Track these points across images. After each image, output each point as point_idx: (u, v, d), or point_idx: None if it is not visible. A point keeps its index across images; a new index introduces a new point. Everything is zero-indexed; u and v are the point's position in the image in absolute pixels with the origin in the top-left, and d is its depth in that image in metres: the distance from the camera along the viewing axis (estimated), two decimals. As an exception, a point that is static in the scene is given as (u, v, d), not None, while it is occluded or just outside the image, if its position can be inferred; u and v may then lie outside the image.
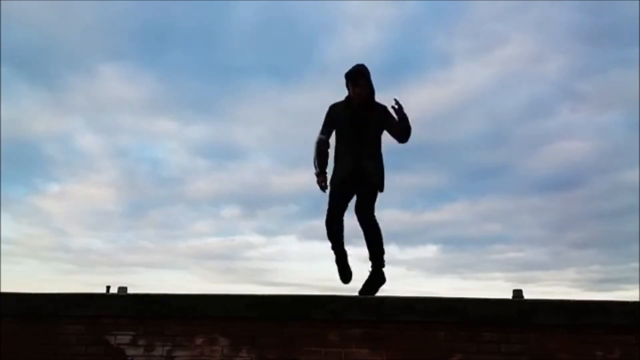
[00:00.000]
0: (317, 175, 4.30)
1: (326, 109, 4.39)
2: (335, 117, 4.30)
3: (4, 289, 3.63)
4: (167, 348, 3.41)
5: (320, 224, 4.30)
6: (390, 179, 4.32)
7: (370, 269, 4.17)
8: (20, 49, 14.56)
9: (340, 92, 4.40)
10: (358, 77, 4.21)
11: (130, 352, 3.42)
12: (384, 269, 4.18)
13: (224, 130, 17.67)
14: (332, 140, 4.37)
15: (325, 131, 4.33)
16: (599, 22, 14.64)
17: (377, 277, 4.14)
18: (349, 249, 4.34)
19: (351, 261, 4.35)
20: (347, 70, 4.26)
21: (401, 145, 4.36)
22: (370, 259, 4.19)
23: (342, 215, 4.26)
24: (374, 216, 4.24)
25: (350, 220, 4.28)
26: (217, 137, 17.68)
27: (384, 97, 4.35)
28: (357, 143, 4.21)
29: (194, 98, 16.88)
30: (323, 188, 4.28)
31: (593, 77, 15.84)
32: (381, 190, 4.27)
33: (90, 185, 17.47)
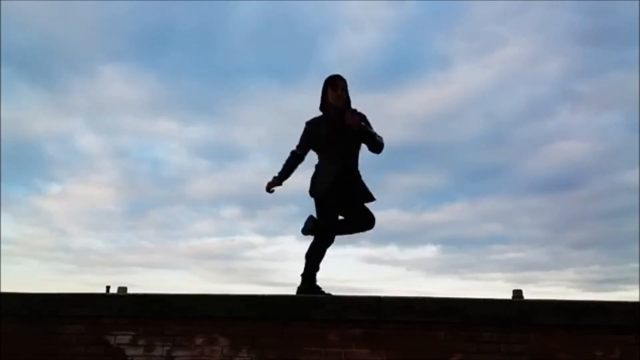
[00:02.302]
0: (274, 177, 4.27)
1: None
2: (311, 133, 4.23)
3: (4, 289, 3.64)
4: (167, 348, 3.41)
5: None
6: (389, 179, 4.32)
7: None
8: (21, 49, 14.59)
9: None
10: (337, 80, 4.14)
11: (130, 352, 3.42)
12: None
13: (224, 131, 17.69)
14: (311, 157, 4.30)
15: (302, 146, 4.27)
16: (598, 23, 14.67)
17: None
18: (352, 249, 4.30)
19: (352, 261, 4.32)
20: (329, 78, 4.15)
21: (399, 146, 4.35)
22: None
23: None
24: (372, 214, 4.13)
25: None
26: (217, 138, 17.72)
27: (383, 97, 4.37)
28: (338, 153, 4.11)
29: (194, 99, 16.92)
30: (269, 189, 4.26)
31: (592, 78, 15.88)
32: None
33: (90, 185, 17.49)
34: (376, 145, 4.11)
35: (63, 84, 16.06)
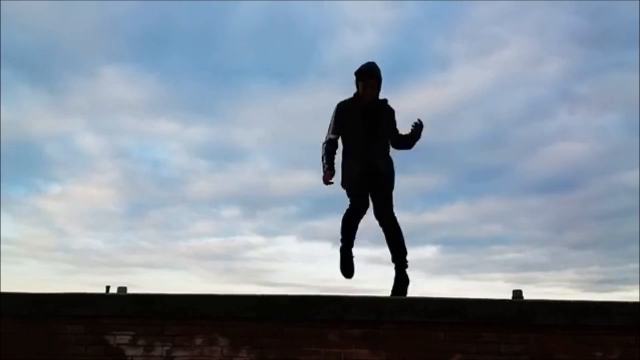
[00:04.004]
0: (326, 170, 4.19)
1: (330, 108, 4.31)
2: (345, 114, 4.21)
3: (4, 289, 3.63)
4: (166, 348, 3.41)
5: (320, 224, 4.31)
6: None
7: (395, 271, 4.16)
8: (21, 50, 14.61)
9: (338, 94, 4.39)
10: (369, 77, 4.14)
11: (129, 352, 3.42)
12: (407, 270, 4.16)
13: (224, 132, 17.71)
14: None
15: (336, 130, 4.24)
16: (597, 24, 14.69)
17: (402, 279, 4.14)
18: (352, 250, 4.29)
19: (356, 262, 4.30)
20: (356, 69, 4.20)
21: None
22: (393, 260, 4.17)
23: (364, 213, 4.18)
24: (394, 217, 4.18)
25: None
26: (217, 139, 17.73)
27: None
28: (368, 141, 4.12)
29: (194, 100, 16.93)
30: (327, 181, 4.18)
31: (591, 79, 15.89)
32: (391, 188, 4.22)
33: (91, 185, 17.50)
34: (410, 146, 4.34)
35: (63, 84, 16.09)
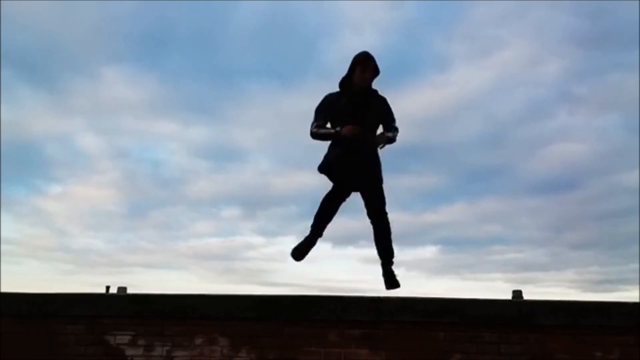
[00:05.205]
0: (337, 132, 4.01)
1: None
2: (332, 103, 4.14)
3: (4, 289, 3.64)
4: (166, 348, 3.41)
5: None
6: (389, 180, 4.27)
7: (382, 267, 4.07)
8: (21, 50, 14.59)
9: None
10: (368, 61, 4.08)
11: (129, 352, 3.42)
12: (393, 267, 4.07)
13: (224, 132, 17.71)
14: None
15: (320, 118, 4.12)
16: (597, 25, 14.68)
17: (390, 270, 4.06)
18: (352, 250, 4.28)
19: (352, 262, 4.30)
20: (359, 56, 4.10)
21: (399, 147, 4.34)
22: (381, 256, 4.08)
23: (340, 202, 4.04)
24: (386, 213, 4.08)
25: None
26: (217, 139, 17.72)
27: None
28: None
29: (195, 100, 16.92)
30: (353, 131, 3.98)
31: (591, 79, 15.89)
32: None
33: (91, 185, 17.49)
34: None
35: (64, 85, 16.08)
